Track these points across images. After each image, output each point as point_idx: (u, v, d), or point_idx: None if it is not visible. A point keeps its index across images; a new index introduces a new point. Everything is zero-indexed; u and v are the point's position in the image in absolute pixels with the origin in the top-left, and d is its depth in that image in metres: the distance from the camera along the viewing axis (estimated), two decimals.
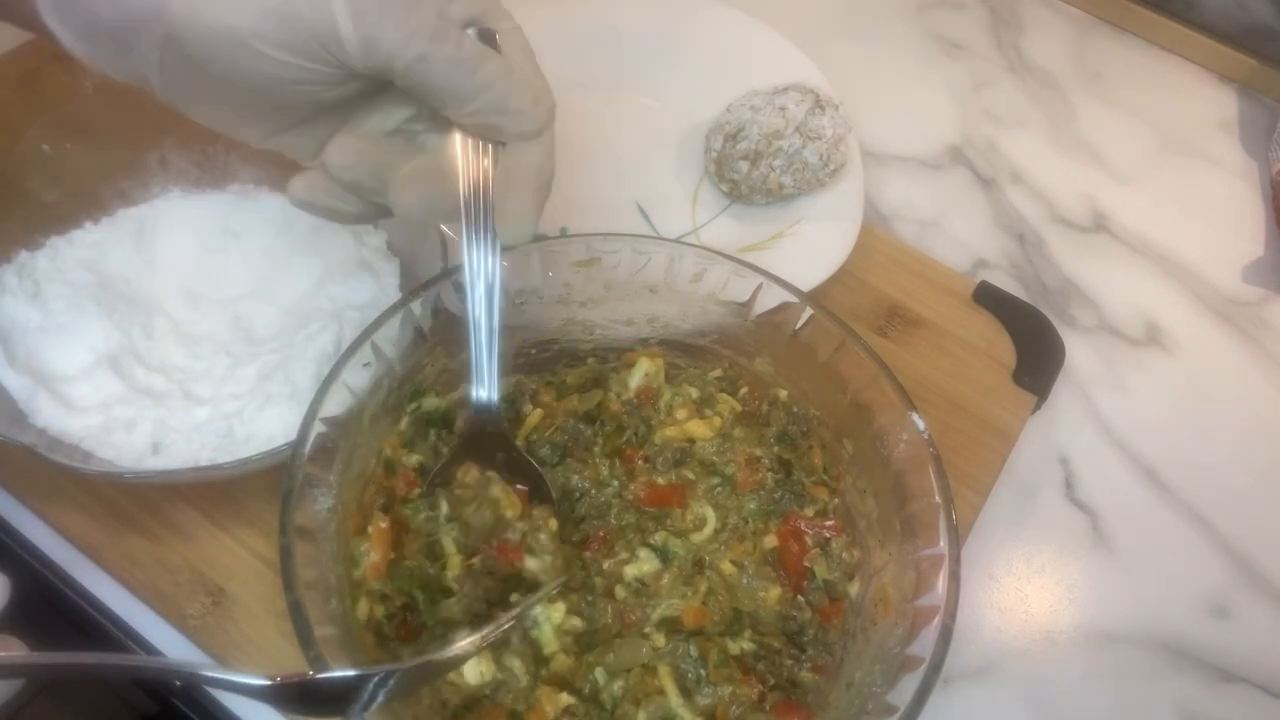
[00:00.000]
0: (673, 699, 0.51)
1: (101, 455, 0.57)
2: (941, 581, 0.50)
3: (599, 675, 0.52)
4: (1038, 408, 0.77)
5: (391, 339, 0.55)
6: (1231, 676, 0.68)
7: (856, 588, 0.57)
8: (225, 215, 0.68)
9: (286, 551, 0.46)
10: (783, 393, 0.63)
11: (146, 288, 0.65)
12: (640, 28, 0.88)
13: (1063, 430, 0.79)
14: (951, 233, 0.90)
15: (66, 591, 0.60)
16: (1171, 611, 0.71)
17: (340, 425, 0.52)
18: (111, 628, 0.59)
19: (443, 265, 0.61)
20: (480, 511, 0.53)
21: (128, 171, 0.68)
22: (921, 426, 0.54)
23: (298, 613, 0.44)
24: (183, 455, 0.58)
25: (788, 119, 0.77)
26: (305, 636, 0.44)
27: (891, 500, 0.56)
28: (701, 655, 0.53)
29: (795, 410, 0.62)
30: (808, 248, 0.77)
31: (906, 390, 0.55)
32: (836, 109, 0.79)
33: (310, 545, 0.48)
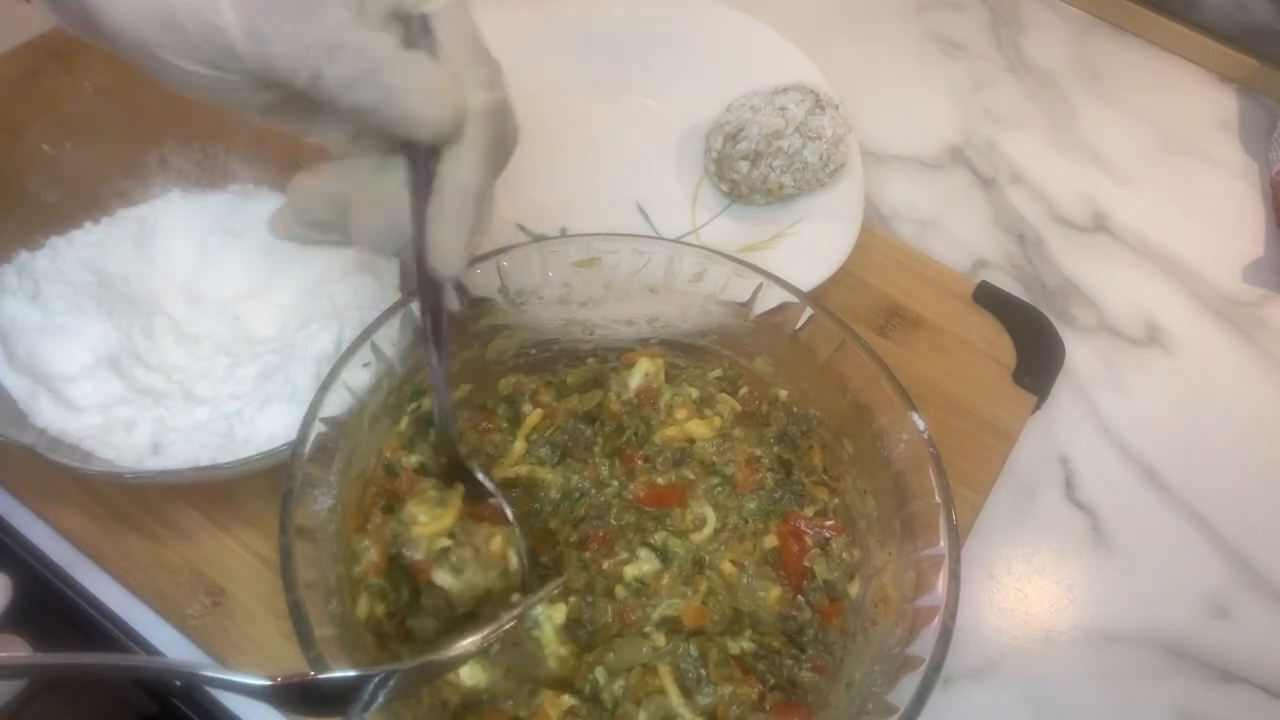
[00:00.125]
0: (673, 698, 0.51)
1: (101, 455, 0.57)
2: (941, 581, 0.50)
3: (599, 675, 0.52)
4: (1038, 408, 0.77)
5: (391, 339, 0.55)
6: (1231, 676, 0.68)
7: (856, 588, 0.57)
8: (225, 215, 0.68)
9: (286, 551, 0.46)
10: (783, 393, 0.63)
11: (146, 288, 0.65)
12: (640, 28, 0.88)
13: (1063, 430, 0.79)
14: (951, 233, 0.90)
15: (66, 591, 0.60)
16: (1171, 611, 0.71)
17: (340, 425, 0.52)
18: (111, 628, 0.59)
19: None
20: (391, 524, 0.52)
21: (128, 171, 0.68)
22: (921, 426, 0.54)
23: (298, 613, 0.44)
24: (183, 455, 0.58)
25: (788, 119, 0.77)
26: (305, 636, 0.44)
27: (891, 500, 0.56)
28: (702, 655, 0.53)
29: (795, 410, 0.62)
30: (808, 248, 0.77)
31: (906, 390, 0.55)
32: (836, 109, 0.79)
33: (310, 545, 0.48)
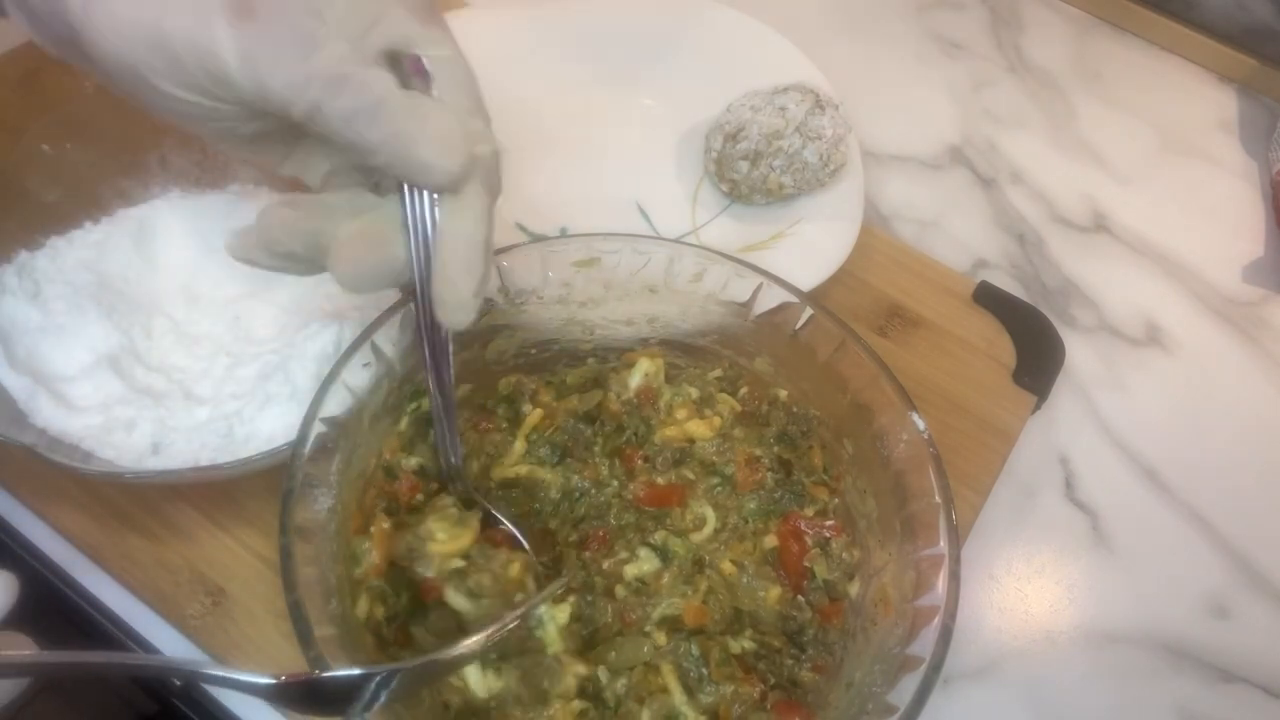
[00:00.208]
0: (676, 697, 0.51)
1: (101, 455, 0.57)
2: (941, 581, 0.50)
3: (602, 674, 0.52)
4: (1038, 408, 0.77)
5: (391, 339, 0.55)
6: (1231, 676, 0.68)
7: (856, 588, 0.57)
8: (225, 215, 0.68)
9: (286, 551, 0.46)
10: (783, 393, 0.63)
11: (146, 288, 0.65)
12: (640, 28, 0.88)
13: (1063, 430, 0.79)
14: (951, 233, 0.90)
15: (66, 591, 0.60)
16: (1171, 611, 0.71)
17: (340, 425, 0.52)
18: (111, 628, 0.59)
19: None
20: (406, 538, 0.52)
21: (128, 171, 0.68)
22: (921, 426, 0.54)
23: (298, 613, 0.44)
24: (183, 455, 0.58)
25: (788, 119, 0.77)
26: (305, 636, 0.44)
27: (891, 500, 0.56)
28: (703, 654, 0.53)
29: (795, 410, 0.62)
30: (808, 248, 0.77)
31: (906, 390, 0.55)
32: (836, 109, 0.79)
33: (310, 545, 0.48)
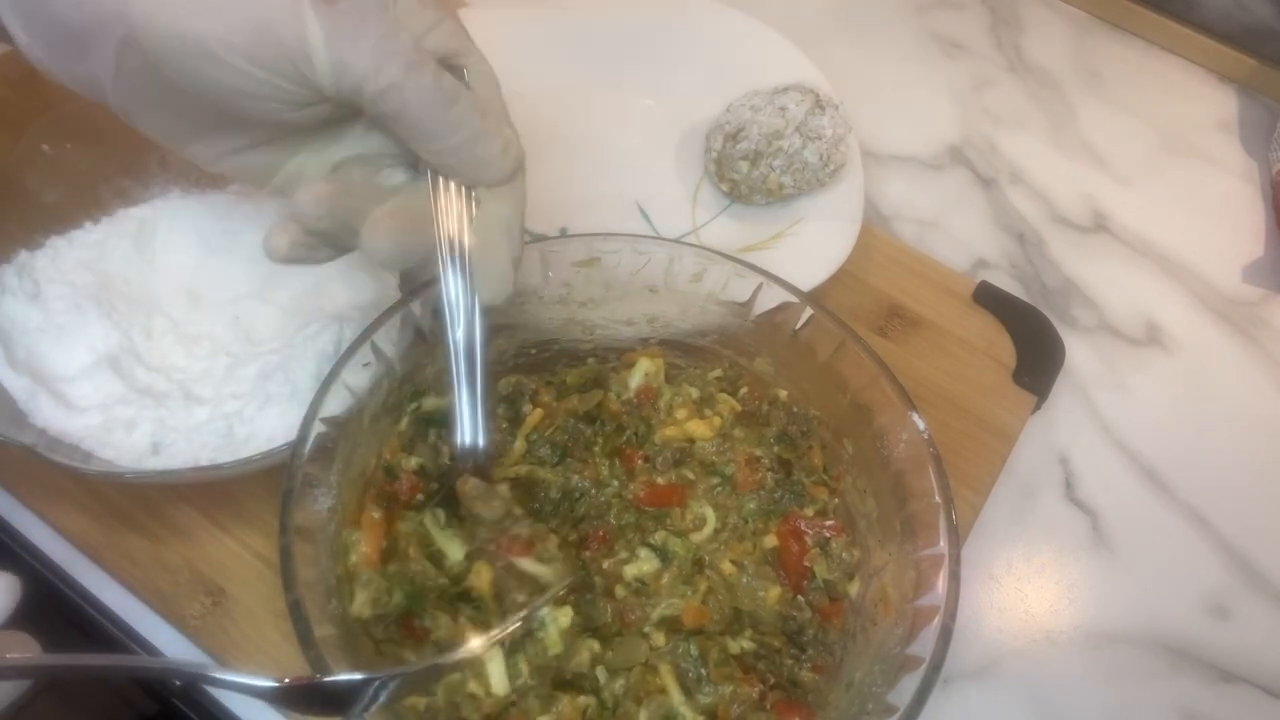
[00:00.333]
0: (674, 697, 0.51)
1: (101, 455, 0.57)
2: (941, 581, 0.50)
3: (600, 674, 0.52)
4: (1038, 408, 0.77)
5: (391, 339, 0.55)
6: (1231, 676, 0.68)
7: (856, 588, 0.57)
8: (225, 215, 0.68)
9: (286, 551, 0.46)
10: (783, 393, 0.63)
11: (146, 288, 0.65)
12: (640, 28, 0.88)
13: (1063, 430, 0.79)
14: (951, 233, 0.90)
15: (66, 592, 0.60)
16: (1171, 611, 0.71)
17: (340, 425, 0.52)
18: (111, 628, 0.59)
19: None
20: (490, 504, 0.52)
21: (128, 171, 0.68)
22: (921, 426, 0.54)
23: (298, 612, 0.44)
24: (183, 455, 0.58)
25: (788, 119, 0.77)
26: (305, 636, 0.44)
27: (891, 500, 0.56)
28: (702, 654, 0.53)
29: (795, 410, 0.62)
30: (808, 248, 0.77)
31: (906, 390, 0.55)
32: (836, 109, 0.79)
33: (310, 545, 0.48)
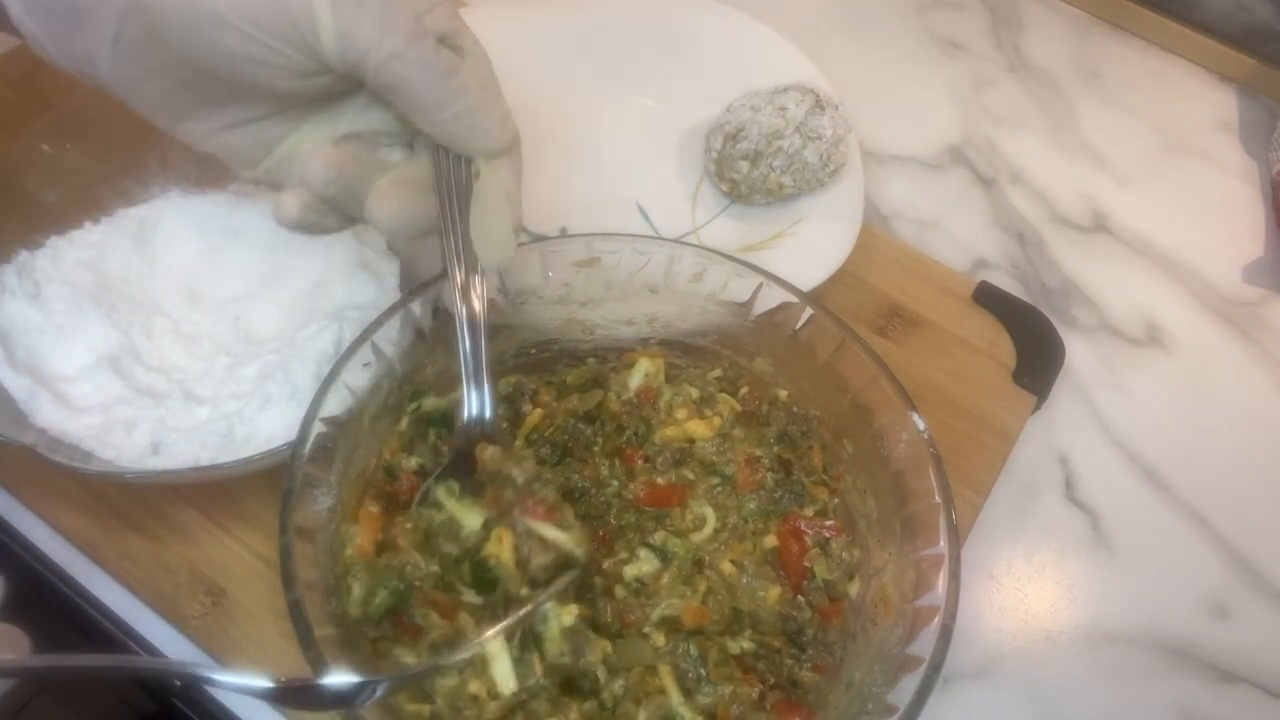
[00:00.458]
0: (673, 698, 0.51)
1: (101, 455, 0.57)
2: (941, 581, 0.50)
3: (600, 674, 0.52)
4: (1038, 408, 0.77)
5: (391, 339, 0.55)
6: (1231, 676, 0.68)
7: (856, 588, 0.57)
8: (225, 215, 0.68)
9: (286, 551, 0.46)
10: (783, 393, 0.63)
11: (146, 288, 0.65)
12: (640, 28, 0.88)
13: (1063, 430, 0.79)
14: (951, 233, 0.90)
15: (66, 591, 0.60)
16: (1171, 611, 0.71)
17: (340, 425, 0.52)
18: (111, 628, 0.59)
19: (443, 265, 0.61)
20: (522, 464, 0.51)
21: (128, 171, 0.68)
22: (921, 426, 0.54)
23: (298, 612, 0.44)
24: (183, 455, 0.58)
25: (788, 119, 0.77)
26: (305, 636, 0.44)
27: (891, 500, 0.56)
28: (701, 655, 0.53)
29: (795, 410, 0.62)
30: (808, 248, 0.77)
31: (906, 390, 0.56)
32: (836, 109, 0.79)
33: (310, 545, 0.48)
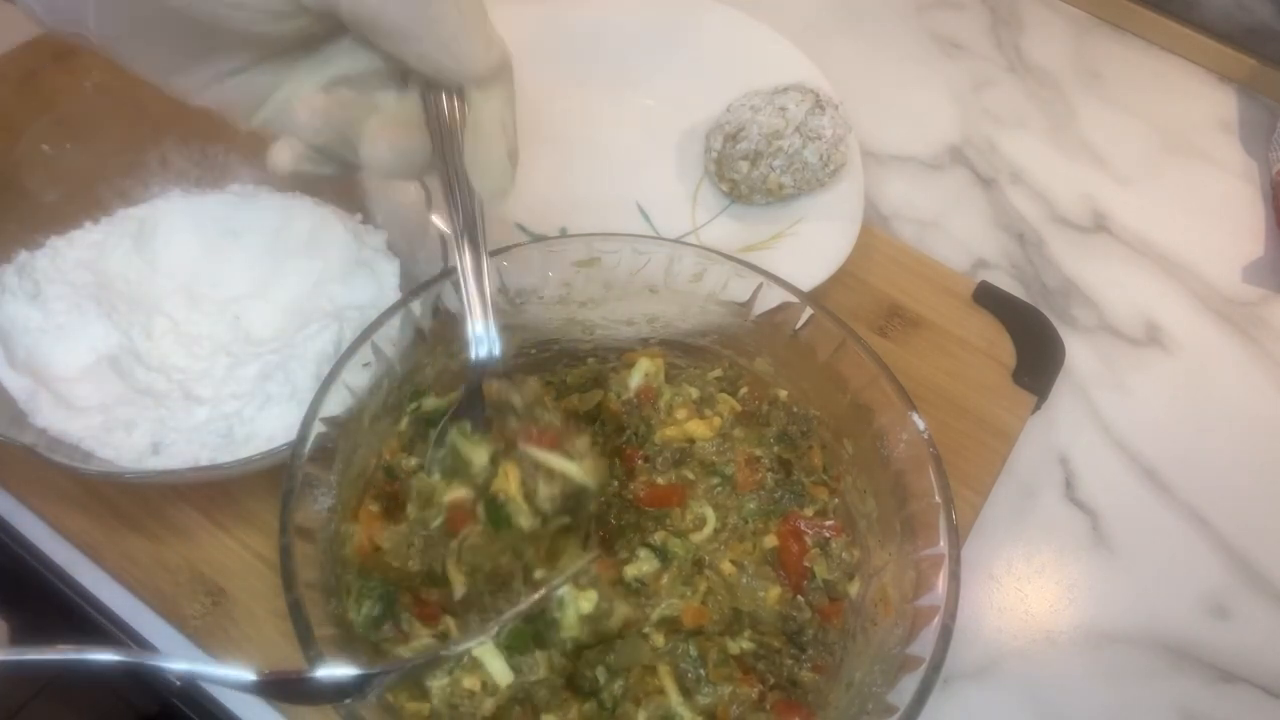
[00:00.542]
0: (673, 698, 0.51)
1: (101, 455, 0.57)
2: (941, 581, 0.50)
3: (599, 674, 0.52)
4: (1038, 408, 0.77)
5: (391, 339, 0.55)
6: (1231, 676, 0.68)
7: (856, 588, 0.57)
8: (225, 215, 0.68)
9: (286, 551, 0.46)
10: (783, 393, 0.63)
11: (146, 288, 0.65)
12: (640, 28, 0.88)
13: (1063, 430, 0.79)
14: (951, 233, 0.90)
15: (66, 591, 0.60)
16: (1171, 611, 0.71)
17: (340, 425, 0.52)
18: (111, 628, 0.59)
19: (443, 265, 0.61)
20: (523, 389, 0.51)
21: (128, 171, 0.68)
22: (921, 426, 0.54)
23: (297, 612, 0.44)
24: (183, 455, 0.58)
25: (788, 119, 0.77)
26: (305, 636, 0.44)
27: (891, 500, 0.56)
28: (701, 655, 0.53)
29: (795, 410, 0.62)
30: (808, 248, 0.77)
31: (906, 390, 0.55)
32: (836, 109, 0.79)
33: (310, 545, 0.48)
